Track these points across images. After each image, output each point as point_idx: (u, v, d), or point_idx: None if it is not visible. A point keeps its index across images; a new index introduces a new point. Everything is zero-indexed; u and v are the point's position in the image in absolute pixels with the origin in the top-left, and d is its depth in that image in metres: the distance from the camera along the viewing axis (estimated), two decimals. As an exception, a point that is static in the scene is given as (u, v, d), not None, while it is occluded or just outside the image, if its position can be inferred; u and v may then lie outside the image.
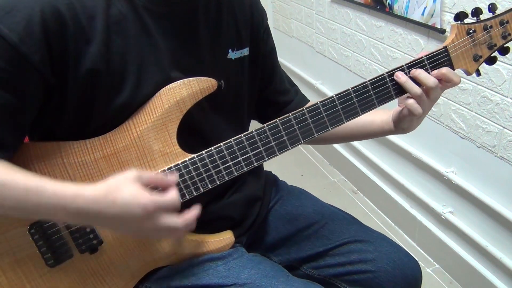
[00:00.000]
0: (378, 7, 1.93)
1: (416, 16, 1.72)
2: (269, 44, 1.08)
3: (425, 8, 1.67)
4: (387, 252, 1.02)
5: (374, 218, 2.21)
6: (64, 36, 0.78)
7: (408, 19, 1.77)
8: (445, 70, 0.90)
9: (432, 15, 1.64)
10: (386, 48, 1.95)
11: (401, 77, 0.90)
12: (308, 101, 1.14)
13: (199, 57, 0.91)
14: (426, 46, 1.72)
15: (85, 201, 0.75)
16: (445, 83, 0.91)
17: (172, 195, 0.79)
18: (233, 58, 0.96)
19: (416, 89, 0.89)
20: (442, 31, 1.61)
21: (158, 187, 0.81)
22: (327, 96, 0.91)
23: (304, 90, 1.19)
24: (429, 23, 1.65)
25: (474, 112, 1.59)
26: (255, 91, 1.05)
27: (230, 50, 0.96)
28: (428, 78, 0.90)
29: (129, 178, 0.77)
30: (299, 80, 2.72)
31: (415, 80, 0.90)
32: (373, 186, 2.24)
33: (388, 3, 1.85)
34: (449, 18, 1.59)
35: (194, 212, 0.82)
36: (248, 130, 1.06)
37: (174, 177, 0.84)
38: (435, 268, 1.92)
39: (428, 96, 0.91)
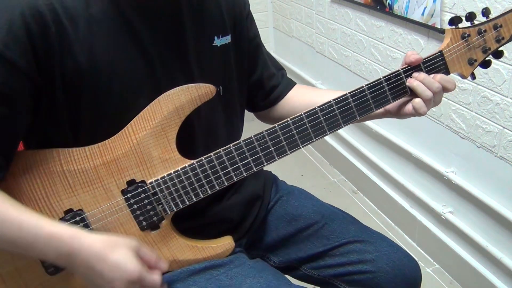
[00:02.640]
0: (378, 7, 1.93)
1: (416, 16, 1.72)
2: (253, 30, 1.07)
3: (425, 8, 1.67)
4: (386, 252, 1.02)
5: (374, 218, 2.21)
6: (47, 37, 0.77)
7: (408, 19, 1.77)
8: (438, 77, 0.92)
9: (432, 15, 1.63)
10: (386, 48, 1.95)
11: (413, 81, 0.92)
12: (295, 84, 1.14)
13: (184, 47, 0.90)
14: (426, 46, 1.72)
15: (80, 245, 0.76)
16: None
17: (158, 278, 0.81)
18: (218, 45, 0.96)
19: (428, 93, 0.91)
20: (442, 31, 1.61)
21: (148, 265, 0.82)
22: (327, 96, 0.91)
23: (304, 90, 1.19)
24: (429, 23, 1.65)
25: (474, 112, 1.59)
26: (244, 79, 1.05)
27: (215, 37, 0.95)
28: (433, 83, 0.91)
29: (129, 244, 0.79)
30: (299, 80, 2.72)
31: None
32: (373, 186, 2.24)
33: (388, 3, 1.85)
34: (449, 18, 1.59)
35: None
36: (242, 121, 1.06)
37: (164, 266, 0.85)
38: (435, 268, 1.92)
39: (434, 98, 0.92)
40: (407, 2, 1.75)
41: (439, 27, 1.61)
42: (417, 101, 0.92)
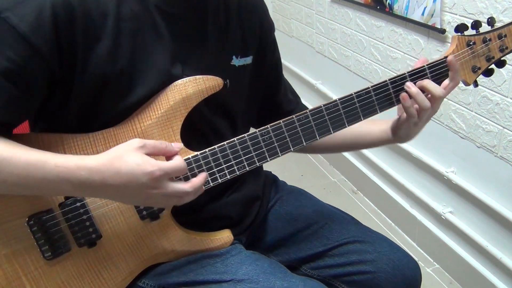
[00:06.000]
0: (378, 7, 1.93)
1: (416, 16, 1.72)
2: (276, 55, 1.09)
3: (425, 8, 1.67)
4: (386, 253, 1.02)
5: (374, 218, 2.21)
6: (74, 30, 0.78)
7: (408, 19, 1.77)
8: (425, 82, 0.92)
9: (432, 15, 1.63)
10: (386, 48, 1.95)
11: (412, 88, 0.92)
12: (307, 109, 1.15)
13: (204, 60, 0.92)
14: (426, 46, 1.72)
15: (89, 172, 0.75)
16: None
17: (178, 160, 0.79)
18: (236, 65, 0.97)
19: (427, 103, 0.91)
20: (442, 31, 1.61)
21: (162, 155, 0.81)
22: (327, 96, 0.91)
23: (304, 90, 1.20)
24: (429, 23, 1.65)
25: (474, 112, 1.59)
26: (256, 101, 1.06)
27: (234, 57, 0.96)
28: (436, 88, 0.91)
29: (132, 146, 0.77)
30: (299, 80, 2.72)
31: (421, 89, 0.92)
32: (373, 186, 2.24)
33: (388, 3, 1.85)
34: (449, 18, 1.59)
35: (202, 177, 0.82)
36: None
37: (179, 144, 0.83)
38: (435, 268, 1.92)
39: (432, 105, 0.92)
40: (407, 2, 1.75)
41: (439, 27, 1.61)
42: (407, 105, 0.92)
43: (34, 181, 0.76)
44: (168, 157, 0.82)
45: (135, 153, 0.76)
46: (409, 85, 0.92)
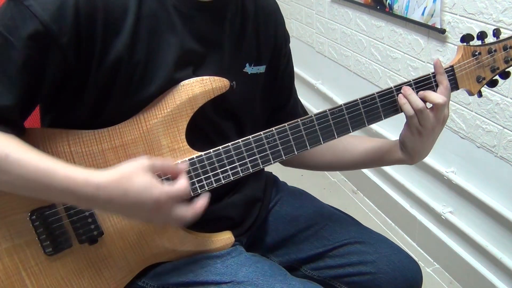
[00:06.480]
0: (378, 7, 1.93)
1: (416, 16, 1.72)
2: (289, 67, 1.09)
3: (425, 8, 1.67)
4: (387, 254, 1.02)
5: (374, 218, 2.21)
6: (95, 24, 0.79)
7: (408, 19, 1.77)
8: (426, 92, 0.92)
9: (432, 15, 1.63)
10: (386, 48, 1.95)
11: (407, 90, 0.92)
12: None
13: (217, 64, 0.92)
14: (426, 46, 1.72)
15: (96, 187, 0.75)
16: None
17: (183, 184, 0.80)
18: (249, 73, 0.97)
19: (419, 102, 0.91)
20: (442, 31, 1.61)
21: (168, 176, 0.82)
22: (327, 96, 0.91)
23: (304, 90, 1.20)
24: (429, 23, 1.65)
25: (474, 112, 1.59)
26: (266, 108, 1.06)
27: (247, 64, 0.97)
28: (436, 95, 0.91)
29: (142, 167, 0.77)
30: (299, 80, 2.72)
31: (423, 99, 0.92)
32: (373, 186, 2.24)
33: (388, 3, 1.85)
34: (449, 18, 1.59)
35: (202, 201, 0.83)
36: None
37: (184, 166, 0.85)
38: (435, 268, 1.92)
39: (435, 114, 0.91)
40: (407, 2, 1.75)
41: (439, 27, 1.61)
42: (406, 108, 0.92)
43: (41, 188, 0.76)
44: (174, 177, 0.83)
45: (143, 174, 0.77)
46: (405, 88, 0.92)
